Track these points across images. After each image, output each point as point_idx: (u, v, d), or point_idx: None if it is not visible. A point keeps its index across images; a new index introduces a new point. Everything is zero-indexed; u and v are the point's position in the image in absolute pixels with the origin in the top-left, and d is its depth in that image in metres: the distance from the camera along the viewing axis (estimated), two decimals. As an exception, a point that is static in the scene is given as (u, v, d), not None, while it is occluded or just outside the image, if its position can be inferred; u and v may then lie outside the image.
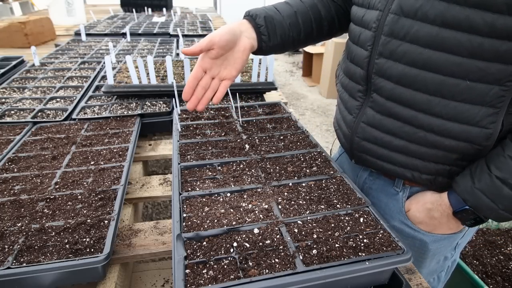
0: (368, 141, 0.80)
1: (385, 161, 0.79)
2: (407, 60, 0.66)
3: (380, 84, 0.72)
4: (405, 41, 0.65)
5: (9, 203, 0.73)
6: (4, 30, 2.22)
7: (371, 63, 0.72)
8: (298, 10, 0.87)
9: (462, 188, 0.70)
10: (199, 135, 0.93)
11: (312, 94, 5.10)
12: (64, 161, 0.89)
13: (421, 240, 0.82)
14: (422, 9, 0.61)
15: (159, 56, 1.82)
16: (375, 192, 0.88)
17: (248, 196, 0.69)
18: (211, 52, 0.75)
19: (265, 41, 0.83)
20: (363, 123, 0.79)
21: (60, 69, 1.59)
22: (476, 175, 0.68)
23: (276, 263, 0.53)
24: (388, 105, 0.72)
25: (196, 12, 3.66)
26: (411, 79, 0.67)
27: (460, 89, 0.63)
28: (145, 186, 0.93)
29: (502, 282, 1.46)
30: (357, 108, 0.80)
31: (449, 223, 0.77)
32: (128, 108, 1.20)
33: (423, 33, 0.62)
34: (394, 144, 0.75)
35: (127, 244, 0.71)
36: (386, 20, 0.67)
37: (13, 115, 1.15)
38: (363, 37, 0.74)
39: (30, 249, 0.61)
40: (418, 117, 0.69)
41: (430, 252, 0.83)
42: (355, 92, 0.80)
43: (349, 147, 0.86)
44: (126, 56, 1.23)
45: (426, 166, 0.74)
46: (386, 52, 0.69)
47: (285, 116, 1.05)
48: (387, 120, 0.74)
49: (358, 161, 0.87)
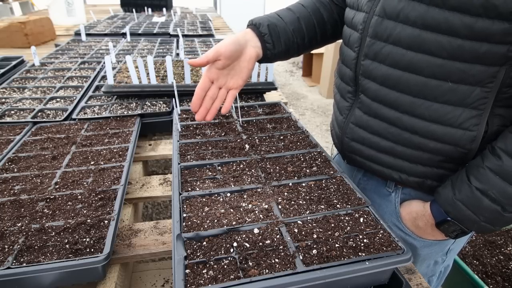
0: (356, 141, 0.80)
1: (373, 162, 0.79)
2: (390, 62, 0.67)
3: (367, 85, 0.73)
4: (388, 43, 0.66)
5: (9, 203, 0.73)
6: (4, 30, 2.22)
7: (358, 64, 0.73)
8: (300, 15, 0.87)
9: (443, 199, 0.70)
10: (199, 135, 0.93)
11: (312, 94, 5.10)
12: (64, 161, 0.89)
13: (412, 244, 0.82)
14: (404, 11, 0.62)
15: (159, 56, 1.82)
16: (369, 193, 0.88)
17: (248, 196, 0.69)
18: (218, 62, 0.76)
19: (269, 49, 0.84)
20: (352, 124, 0.80)
21: (60, 69, 1.59)
22: (456, 186, 0.67)
23: (276, 263, 0.53)
24: (374, 106, 0.73)
25: (196, 12, 3.66)
26: (395, 80, 0.67)
27: (442, 91, 0.63)
28: (145, 186, 0.93)
29: (502, 282, 1.46)
30: (347, 109, 0.81)
31: (433, 233, 0.76)
32: (128, 108, 1.20)
33: (405, 34, 0.63)
34: (381, 145, 0.75)
35: (127, 244, 0.71)
36: (371, 22, 0.68)
37: (13, 115, 1.15)
38: (352, 38, 0.75)
39: (30, 249, 0.61)
40: (403, 118, 0.69)
41: (420, 257, 0.83)
42: (345, 93, 0.81)
43: (340, 147, 0.87)
44: (126, 56, 1.23)
45: (413, 168, 0.74)
46: (371, 54, 0.69)
47: (285, 116, 1.05)
48: (373, 121, 0.75)
49: (349, 161, 0.88)
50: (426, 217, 0.75)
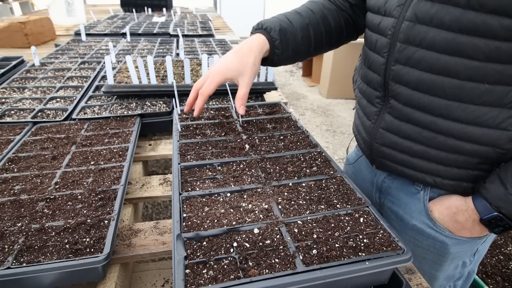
0: (387, 146, 0.79)
1: (405, 166, 0.78)
2: (423, 66, 0.66)
3: (398, 90, 0.72)
4: (421, 48, 0.65)
5: (9, 203, 0.73)
6: (4, 30, 2.22)
7: (388, 69, 0.72)
8: (310, 22, 0.86)
9: (493, 195, 0.68)
10: (199, 135, 0.93)
11: (312, 94, 5.10)
12: (64, 161, 0.89)
13: (442, 242, 0.80)
14: (437, 15, 0.61)
15: (159, 56, 1.82)
16: (395, 191, 0.87)
17: (248, 196, 0.69)
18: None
19: (277, 55, 0.84)
20: (382, 129, 0.78)
21: (60, 69, 1.59)
22: (508, 181, 0.66)
23: (276, 263, 0.53)
24: (406, 111, 0.72)
25: (196, 12, 3.66)
26: (429, 84, 0.66)
27: (478, 93, 0.62)
28: (145, 186, 0.93)
29: (502, 282, 1.46)
30: (376, 114, 0.80)
31: (473, 229, 0.75)
32: (128, 108, 1.20)
33: (439, 39, 0.62)
34: (414, 150, 0.74)
35: (127, 244, 0.71)
36: (401, 27, 0.67)
37: (13, 115, 1.15)
38: (379, 44, 0.74)
39: (30, 249, 0.61)
40: (437, 122, 0.68)
41: (450, 255, 0.82)
42: (373, 98, 0.80)
43: (369, 153, 0.86)
44: (126, 56, 1.23)
45: (448, 171, 0.73)
46: (402, 59, 0.68)
47: (285, 116, 1.05)
48: (405, 125, 0.73)
49: (378, 166, 0.87)
50: (468, 212, 0.73)
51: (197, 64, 1.50)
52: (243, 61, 0.81)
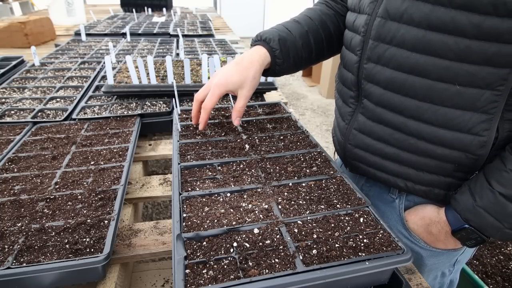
0: (360, 148, 0.78)
1: (377, 169, 0.77)
2: (394, 65, 0.64)
3: (370, 89, 0.71)
4: (392, 45, 0.64)
5: (9, 203, 0.73)
6: (4, 30, 2.22)
7: (361, 68, 0.71)
8: (309, 29, 0.85)
9: (462, 207, 0.66)
10: (199, 135, 0.93)
11: (312, 94, 5.10)
12: (64, 161, 0.89)
13: (418, 253, 0.79)
14: (408, 11, 0.60)
15: (159, 56, 1.82)
16: (372, 199, 0.86)
17: (248, 196, 0.69)
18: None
19: (279, 64, 0.83)
20: (355, 130, 0.77)
21: (60, 69, 1.59)
22: (476, 192, 0.64)
23: (276, 263, 0.53)
24: (378, 111, 0.71)
25: (196, 12, 3.66)
26: (400, 84, 0.65)
27: (449, 94, 0.61)
28: (145, 186, 0.93)
29: (502, 282, 1.46)
30: (349, 115, 0.79)
31: (446, 241, 0.73)
32: (128, 108, 1.20)
33: (409, 36, 0.61)
34: (386, 152, 0.73)
35: (127, 244, 0.71)
36: (374, 24, 0.66)
37: (13, 115, 1.15)
38: (353, 42, 0.73)
39: (30, 249, 0.61)
40: (408, 123, 0.67)
41: (426, 267, 0.80)
42: (347, 98, 0.79)
43: (343, 154, 0.85)
44: (126, 56, 1.23)
45: (420, 176, 0.71)
46: (374, 57, 0.67)
47: (285, 116, 1.05)
48: (377, 126, 0.72)
49: (352, 169, 0.86)
50: (441, 224, 0.72)
51: (197, 64, 1.50)
52: (244, 74, 0.80)
